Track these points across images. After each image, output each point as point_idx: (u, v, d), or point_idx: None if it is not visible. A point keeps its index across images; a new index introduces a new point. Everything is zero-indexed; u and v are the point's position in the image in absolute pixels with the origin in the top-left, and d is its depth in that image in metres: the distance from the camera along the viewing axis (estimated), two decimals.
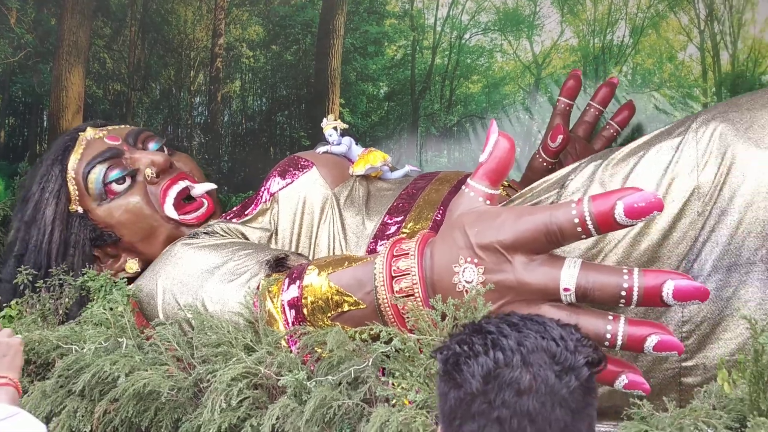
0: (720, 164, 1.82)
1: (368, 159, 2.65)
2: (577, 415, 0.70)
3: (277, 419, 1.43)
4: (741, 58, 3.09)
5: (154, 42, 4.00)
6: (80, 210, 2.72)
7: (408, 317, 1.62)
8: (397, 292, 1.74)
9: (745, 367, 1.50)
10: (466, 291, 1.65)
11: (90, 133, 2.86)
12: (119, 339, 1.82)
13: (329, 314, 1.85)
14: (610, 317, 1.63)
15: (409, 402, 1.38)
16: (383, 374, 1.53)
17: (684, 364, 1.84)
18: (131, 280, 2.68)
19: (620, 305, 1.60)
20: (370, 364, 1.47)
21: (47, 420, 1.74)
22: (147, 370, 1.65)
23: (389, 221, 2.41)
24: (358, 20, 3.76)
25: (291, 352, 1.71)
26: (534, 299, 1.65)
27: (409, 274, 1.75)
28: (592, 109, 3.10)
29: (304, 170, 2.70)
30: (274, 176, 2.73)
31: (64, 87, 3.85)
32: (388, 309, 1.75)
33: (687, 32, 3.19)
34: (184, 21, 4.03)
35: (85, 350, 1.75)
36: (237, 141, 4.00)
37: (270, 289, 2.01)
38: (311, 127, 3.77)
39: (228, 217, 2.70)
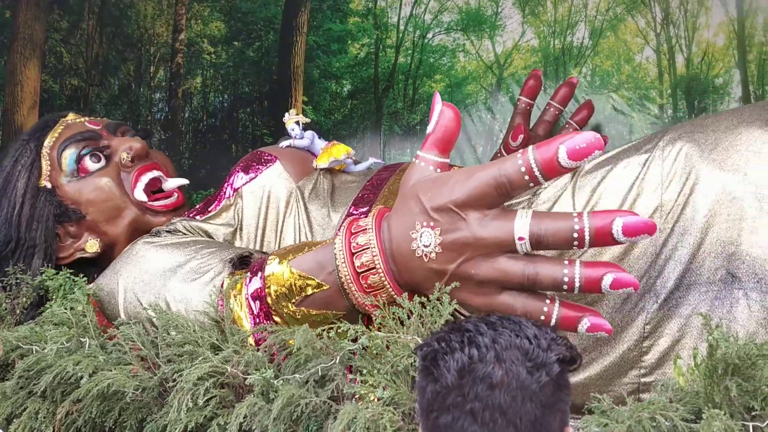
0: (684, 183, 1.88)
1: (332, 152, 2.65)
2: (547, 409, 0.73)
3: (244, 418, 1.43)
4: (695, 61, 3.18)
5: (113, 36, 3.94)
6: (48, 185, 2.69)
7: (375, 316, 1.64)
8: (358, 267, 1.77)
9: (698, 362, 1.55)
10: (426, 256, 1.69)
11: (71, 117, 2.86)
12: (81, 339, 1.79)
13: (293, 300, 1.86)
14: (566, 262, 1.67)
15: (377, 399, 1.39)
16: (350, 372, 1.55)
17: (643, 380, 1.89)
18: (88, 261, 2.69)
19: (574, 248, 1.63)
20: (337, 362, 1.48)
21: (8, 422, 1.70)
22: (111, 370, 1.63)
23: (355, 212, 2.42)
24: (322, 18, 3.76)
25: (257, 350, 1.71)
26: (491, 252, 1.68)
27: (368, 248, 1.77)
28: (552, 109, 3.15)
29: (268, 164, 2.69)
30: (238, 172, 2.72)
31: (18, 82, 3.76)
32: (351, 285, 1.77)
33: (644, 35, 3.26)
34: (144, 16, 3.97)
35: (46, 350, 1.72)
36: (198, 138, 3.96)
37: (234, 287, 2.00)
38: (274, 125, 3.76)
39: (191, 215, 2.68)
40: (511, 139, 2.95)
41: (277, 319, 1.86)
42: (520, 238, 1.64)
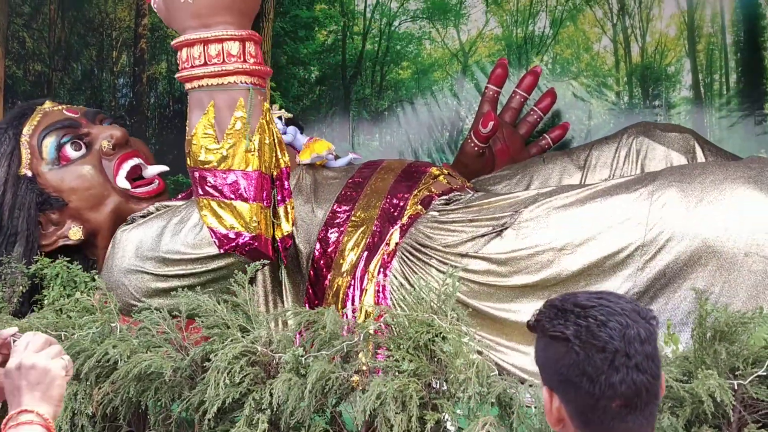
0: (668, 231, 2.03)
1: (314, 148, 2.73)
2: (657, 351, 0.96)
3: (281, 392, 1.53)
4: (649, 50, 3.38)
5: (75, 21, 3.89)
6: (29, 174, 2.69)
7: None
8: None
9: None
10: None
11: (49, 105, 2.85)
12: (112, 324, 1.85)
13: None
14: None
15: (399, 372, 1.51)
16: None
17: None
18: (72, 248, 2.70)
19: None
20: (361, 339, 1.60)
21: None
22: (145, 353, 1.70)
23: (338, 209, 2.51)
24: (288, 4, 3.80)
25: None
26: None
27: None
28: (517, 96, 3.30)
29: None
30: None
31: None
32: None
33: (602, 25, 3.44)
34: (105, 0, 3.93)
35: (76, 336, 1.76)
36: (164, 123, 3.96)
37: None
38: None
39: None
40: (481, 126, 3.07)
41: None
42: None
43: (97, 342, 1.78)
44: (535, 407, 1.51)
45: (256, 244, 2.29)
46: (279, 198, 2.36)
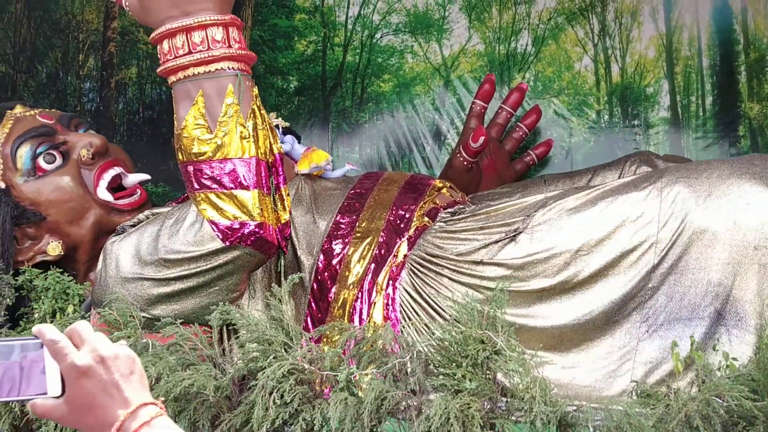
0: (679, 226, 2.08)
1: (312, 158, 2.67)
2: None
3: (334, 412, 1.46)
4: (629, 71, 3.46)
5: (41, 21, 3.71)
6: (2, 185, 2.53)
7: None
8: None
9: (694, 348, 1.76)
10: None
11: (19, 110, 2.68)
12: (144, 340, 1.73)
13: None
14: None
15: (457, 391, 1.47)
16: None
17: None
18: (48, 263, 2.55)
19: None
20: (414, 356, 1.54)
21: None
22: (183, 371, 1.59)
23: (342, 221, 2.45)
24: (267, 13, 3.73)
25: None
26: None
27: None
28: (504, 112, 3.32)
29: None
30: None
31: None
32: None
33: (583, 45, 3.51)
34: (72, 0, 3.76)
35: None
36: (133, 130, 3.81)
37: None
38: None
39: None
40: (472, 140, 3.06)
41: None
42: None
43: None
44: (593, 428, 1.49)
45: (261, 232, 2.22)
46: (275, 185, 2.28)
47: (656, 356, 2.04)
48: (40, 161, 2.56)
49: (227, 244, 2.21)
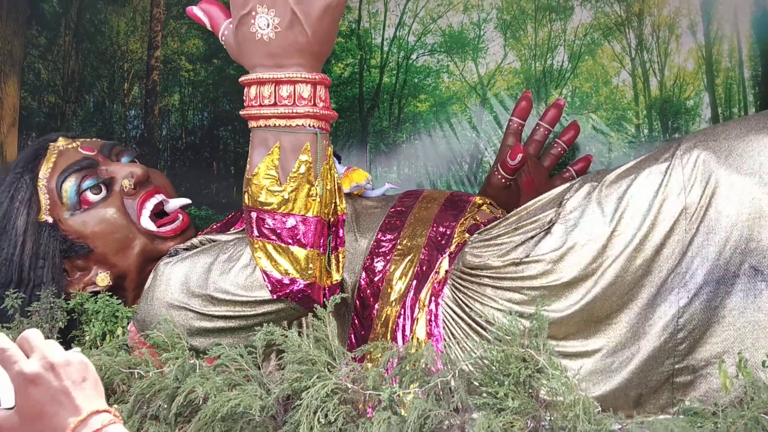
0: (705, 188, 2.09)
1: (353, 177, 2.71)
2: None
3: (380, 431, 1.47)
4: (668, 84, 3.43)
5: (88, 52, 3.83)
6: (50, 220, 2.60)
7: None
8: None
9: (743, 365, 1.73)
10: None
11: (62, 142, 2.75)
12: (191, 361, 1.78)
13: None
14: None
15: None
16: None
17: (676, 366, 2.10)
18: (97, 292, 2.58)
19: None
20: (457, 375, 1.55)
21: None
22: (229, 391, 1.63)
23: (383, 238, 2.47)
24: None
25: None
26: None
27: None
28: (541, 129, 3.32)
29: None
30: None
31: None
32: None
33: (620, 59, 3.49)
34: (117, 32, 3.89)
35: (151, 373, 1.69)
36: (177, 156, 3.91)
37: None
38: None
39: (208, 232, 2.67)
40: (510, 158, 3.07)
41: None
42: None
43: (178, 380, 1.70)
44: None
45: (309, 291, 2.22)
46: (333, 245, 2.30)
47: (701, 318, 2.04)
48: (87, 194, 2.62)
49: (275, 297, 2.23)
